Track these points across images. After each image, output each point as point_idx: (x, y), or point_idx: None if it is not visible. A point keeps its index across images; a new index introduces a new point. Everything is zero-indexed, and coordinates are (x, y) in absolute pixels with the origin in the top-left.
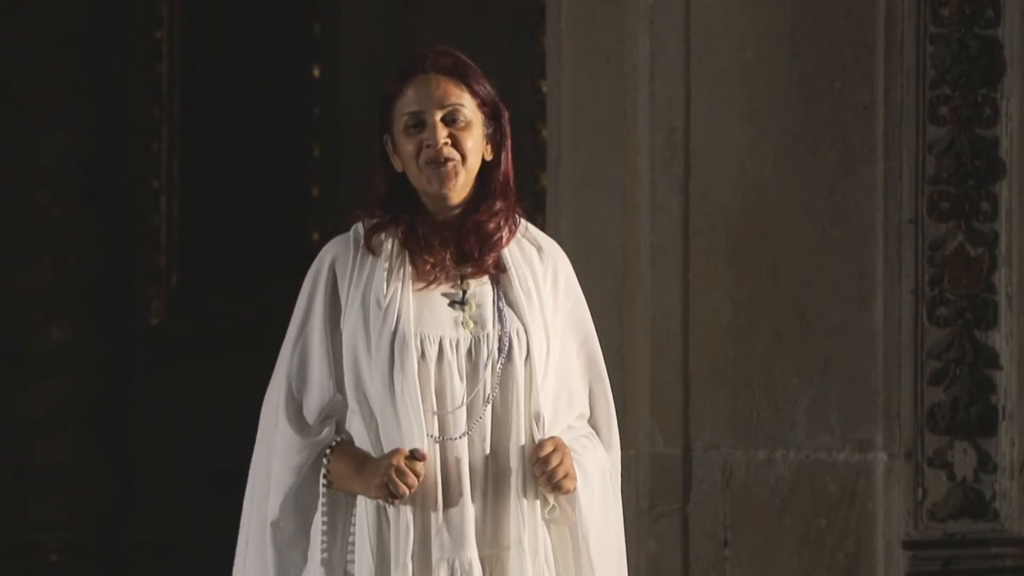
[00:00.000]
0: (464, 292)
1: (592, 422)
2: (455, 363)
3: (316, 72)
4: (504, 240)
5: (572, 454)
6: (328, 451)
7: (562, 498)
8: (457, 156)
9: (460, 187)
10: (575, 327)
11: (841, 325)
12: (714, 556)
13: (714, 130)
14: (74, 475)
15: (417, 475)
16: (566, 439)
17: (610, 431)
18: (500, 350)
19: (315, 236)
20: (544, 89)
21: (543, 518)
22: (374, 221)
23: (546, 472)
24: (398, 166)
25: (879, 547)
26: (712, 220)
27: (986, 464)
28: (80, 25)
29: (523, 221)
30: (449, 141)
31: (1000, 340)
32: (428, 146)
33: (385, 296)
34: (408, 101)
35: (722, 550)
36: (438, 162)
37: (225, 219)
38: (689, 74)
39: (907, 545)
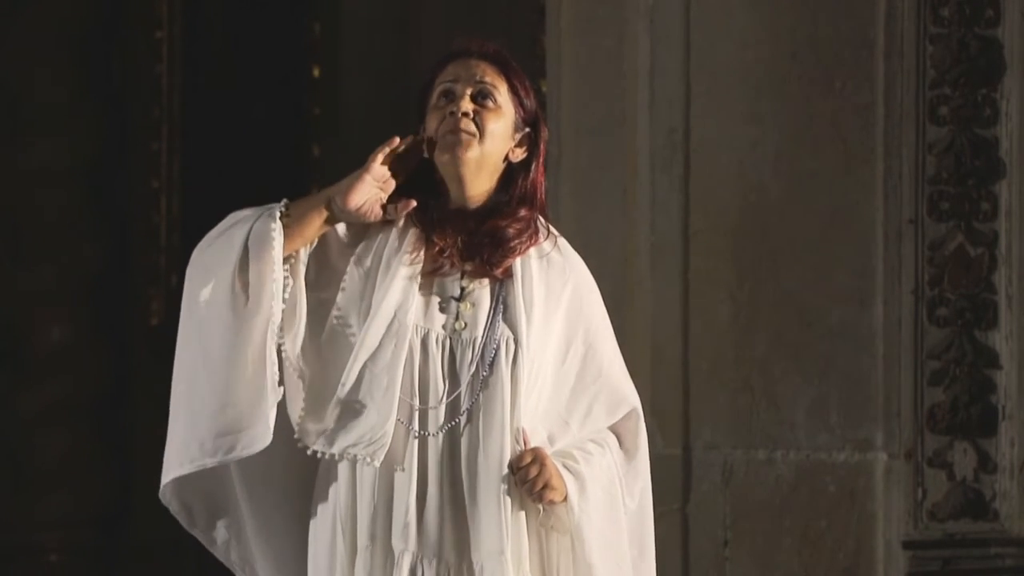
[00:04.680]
0: (463, 290)
1: (617, 430)
2: (439, 360)
3: (316, 72)
4: (520, 249)
5: (569, 462)
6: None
7: (558, 506)
8: (475, 131)
9: (474, 165)
10: (599, 341)
11: (841, 325)
12: (714, 556)
13: (714, 130)
14: (74, 475)
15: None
16: (569, 446)
17: (636, 438)
18: (484, 357)
19: None
20: (544, 89)
21: (540, 526)
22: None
23: (525, 483)
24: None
25: (879, 547)
26: (712, 220)
27: (986, 464)
28: (80, 25)
29: (557, 238)
30: (471, 114)
31: (1000, 340)
32: (451, 113)
33: (388, 276)
34: (445, 75)
35: (722, 550)
36: (454, 132)
37: None
38: (689, 74)
39: (907, 545)
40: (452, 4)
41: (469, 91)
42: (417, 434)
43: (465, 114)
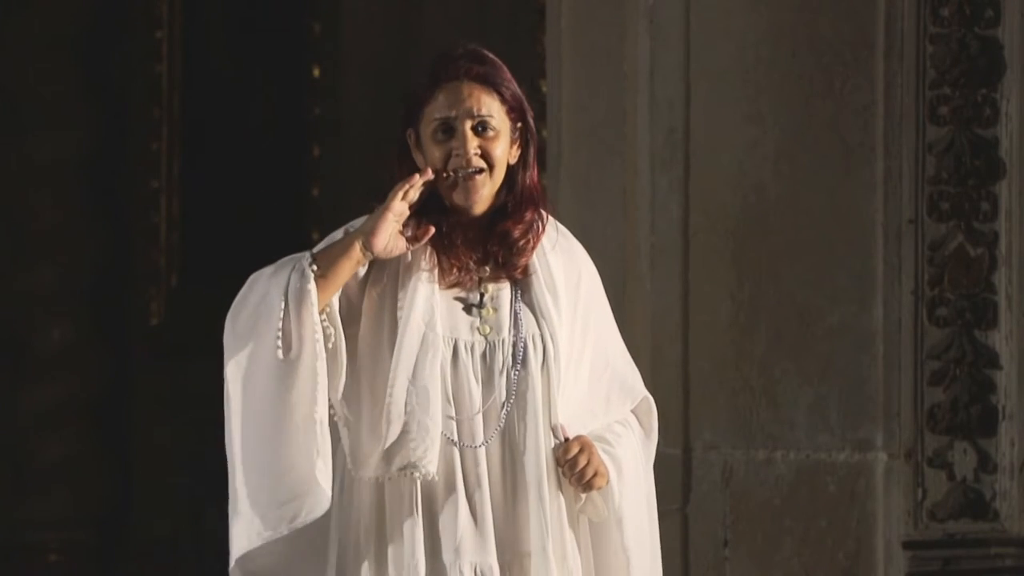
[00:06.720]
0: (482, 295)
1: (635, 410)
2: (471, 367)
3: (316, 72)
4: (532, 245)
5: (604, 445)
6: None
7: (595, 493)
8: (485, 166)
9: (484, 198)
10: (602, 331)
11: (841, 325)
12: (714, 556)
13: (714, 130)
14: (74, 475)
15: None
16: (599, 430)
17: (650, 418)
18: (515, 357)
19: (315, 236)
20: (544, 89)
21: (579, 512)
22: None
23: (575, 473)
24: (421, 163)
25: (879, 547)
26: (712, 220)
27: (986, 464)
28: (80, 25)
29: (557, 224)
30: (479, 152)
31: (1000, 340)
32: (457, 155)
33: (408, 290)
34: (439, 106)
35: (722, 550)
36: (466, 172)
37: (225, 219)
38: (689, 74)
39: (907, 545)
40: (452, 4)
41: (469, 124)
42: (458, 444)
43: (475, 153)
